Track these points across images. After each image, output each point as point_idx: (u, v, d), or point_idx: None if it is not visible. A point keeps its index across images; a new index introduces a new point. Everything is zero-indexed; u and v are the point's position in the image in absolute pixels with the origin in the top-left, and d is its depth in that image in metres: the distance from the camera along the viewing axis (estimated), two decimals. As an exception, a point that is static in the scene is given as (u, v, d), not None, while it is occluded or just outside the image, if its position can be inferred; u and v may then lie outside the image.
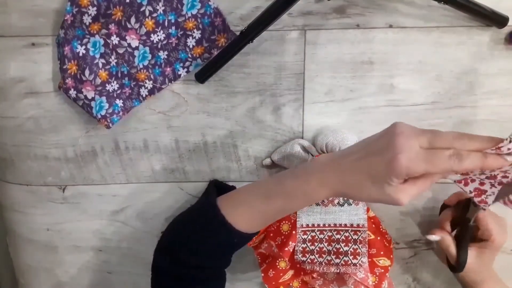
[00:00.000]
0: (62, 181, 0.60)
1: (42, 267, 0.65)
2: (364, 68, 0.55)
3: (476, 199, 0.43)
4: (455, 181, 0.43)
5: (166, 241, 0.49)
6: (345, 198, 0.55)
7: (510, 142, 0.35)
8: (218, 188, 0.50)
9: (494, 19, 0.51)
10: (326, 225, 0.56)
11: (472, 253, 0.51)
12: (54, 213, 0.61)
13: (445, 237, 0.51)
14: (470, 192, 0.43)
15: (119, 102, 0.55)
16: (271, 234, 0.56)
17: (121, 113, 0.55)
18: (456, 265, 0.51)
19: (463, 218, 0.51)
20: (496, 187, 0.41)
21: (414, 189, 0.38)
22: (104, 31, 0.52)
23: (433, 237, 0.52)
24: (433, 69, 0.55)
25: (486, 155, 0.36)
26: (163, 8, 0.51)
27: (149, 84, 0.55)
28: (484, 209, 0.44)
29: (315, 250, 0.55)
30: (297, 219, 0.55)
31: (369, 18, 0.53)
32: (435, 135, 0.36)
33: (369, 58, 0.54)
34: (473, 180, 0.42)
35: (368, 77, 0.55)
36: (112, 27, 0.52)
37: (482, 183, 0.42)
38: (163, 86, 0.55)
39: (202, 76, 0.55)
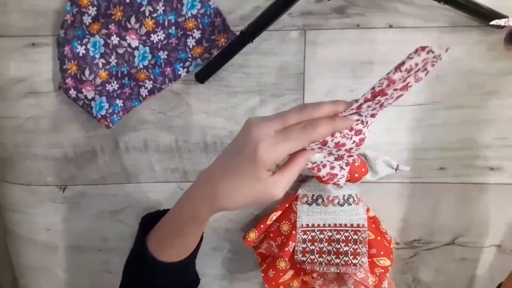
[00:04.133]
0: (62, 181, 0.60)
1: (42, 267, 0.65)
2: (364, 68, 0.55)
3: (330, 182, 0.45)
4: (309, 168, 0.44)
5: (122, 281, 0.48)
6: (345, 198, 0.55)
7: (354, 102, 0.36)
8: (153, 218, 0.47)
9: (494, 19, 0.51)
10: (326, 225, 0.56)
11: None
12: (54, 213, 0.61)
13: None
14: (323, 177, 0.45)
15: (119, 102, 0.55)
16: (271, 234, 0.56)
17: (121, 113, 0.55)
18: None
19: None
20: (344, 169, 0.44)
21: (284, 179, 0.38)
22: (104, 31, 0.52)
23: None
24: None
25: (334, 118, 0.37)
26: (163, 8, 0.51)
27: (149, 84, 0.55)
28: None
29: (315, 250, 0.55)
30: (297, 219, 0.55)
31: (369, 18, 0.53)
32: (283, 115, 0.37)
33: (369, 58, 0.54)
34: (324, 166, 0.44)
35: (368, 77, 0.55)
36: (112, 27, 0.52)
37: (332, 167, 0.44)
38: (163, 86, 0.55)
39: (202, 76, 0.55)
